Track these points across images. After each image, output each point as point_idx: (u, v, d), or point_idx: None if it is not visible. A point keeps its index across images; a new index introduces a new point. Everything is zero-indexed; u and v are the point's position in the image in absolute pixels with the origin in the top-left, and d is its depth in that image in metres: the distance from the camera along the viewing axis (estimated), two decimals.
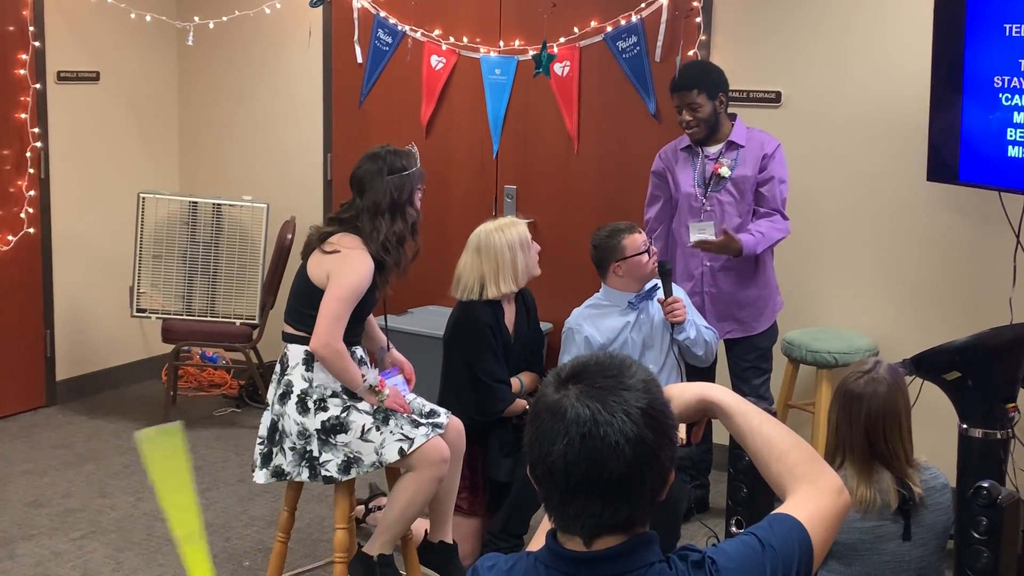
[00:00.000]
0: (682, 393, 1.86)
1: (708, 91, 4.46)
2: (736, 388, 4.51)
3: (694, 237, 4.47)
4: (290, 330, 3.78)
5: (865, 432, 2.99)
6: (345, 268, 3.66)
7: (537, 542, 1.80)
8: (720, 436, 4.74)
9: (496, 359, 4.28)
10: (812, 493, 1.75)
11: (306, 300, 3.72)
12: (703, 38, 5.08)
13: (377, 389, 3.70)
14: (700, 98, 4.45)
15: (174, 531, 1.47)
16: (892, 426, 3.00)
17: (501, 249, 4.24)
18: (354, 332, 3.77)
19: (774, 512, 1.75)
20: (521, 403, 4.34)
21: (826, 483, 1.77)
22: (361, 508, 4.59)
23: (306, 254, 3.80)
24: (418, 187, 3.81)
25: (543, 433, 1.61)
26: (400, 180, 3.74)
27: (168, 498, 1.44)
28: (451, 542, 4.02)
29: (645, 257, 4.27)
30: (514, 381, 4.38)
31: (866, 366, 3.09)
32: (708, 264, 4.59)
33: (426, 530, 4.04)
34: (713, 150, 4.55)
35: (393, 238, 3.72)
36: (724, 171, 4.49)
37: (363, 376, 3.70)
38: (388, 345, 4.09)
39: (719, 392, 1.87)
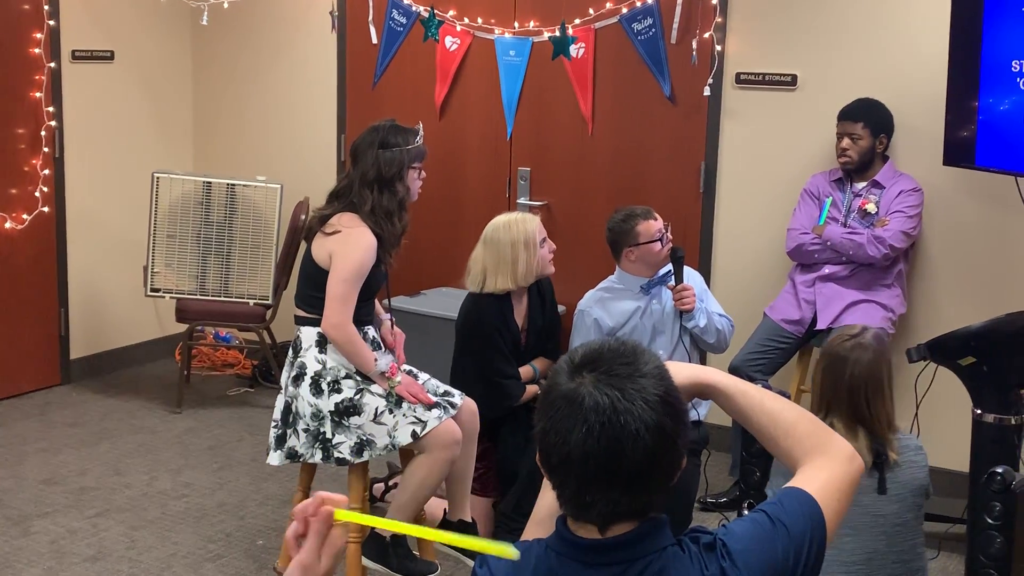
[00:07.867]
0: (677, 374, 1.74)
1: (872, 127, 4.64)
2: None
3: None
4: (301, 313, 3.79)
5: (848, 394, 3.04)
6: (347, 248, 3.66)
7: (530, 532, 1.78)
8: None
9: (503, 357, 4.27)
10: (824, 463, 1.73)
11: (314, 283, 3.73)
12: (719, 20, 5.05)
13: (388, 376, 3.71)
14: (863, 131, 4.63)
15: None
16: (875, 392, 3.05)
17: (504, 246, 4.23)
18: (364, 311, 3.77)
19: (785, 487, 1.73)
20: (533, 389, 4.34)
21: (837, 451, 1.75)
22: (380, 486, 4.61)
23: (308, 238, 3.80)
24: (413, 165, 3.79)
25: (558, 422, 1.57)
26: (391, 155, 3.73)
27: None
28: (470, 520, 4.03)
29: (658, 245, 4.24)
30: (527, 368, 4.38)
31: (854, 331, 3.15)
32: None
33: (445, 510, 4.05)
34: (860, 186, 4.73)
35: (381, 211, 3.72)
36: (870, 207, 4.67)
37: (375, 360, 3.71)
38: (388, 320, 4.01)
39: (716, 375, 1.83)
